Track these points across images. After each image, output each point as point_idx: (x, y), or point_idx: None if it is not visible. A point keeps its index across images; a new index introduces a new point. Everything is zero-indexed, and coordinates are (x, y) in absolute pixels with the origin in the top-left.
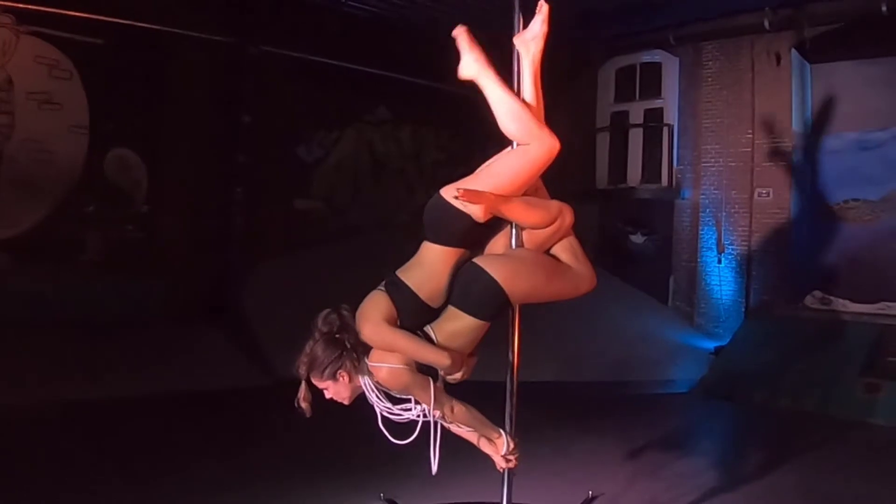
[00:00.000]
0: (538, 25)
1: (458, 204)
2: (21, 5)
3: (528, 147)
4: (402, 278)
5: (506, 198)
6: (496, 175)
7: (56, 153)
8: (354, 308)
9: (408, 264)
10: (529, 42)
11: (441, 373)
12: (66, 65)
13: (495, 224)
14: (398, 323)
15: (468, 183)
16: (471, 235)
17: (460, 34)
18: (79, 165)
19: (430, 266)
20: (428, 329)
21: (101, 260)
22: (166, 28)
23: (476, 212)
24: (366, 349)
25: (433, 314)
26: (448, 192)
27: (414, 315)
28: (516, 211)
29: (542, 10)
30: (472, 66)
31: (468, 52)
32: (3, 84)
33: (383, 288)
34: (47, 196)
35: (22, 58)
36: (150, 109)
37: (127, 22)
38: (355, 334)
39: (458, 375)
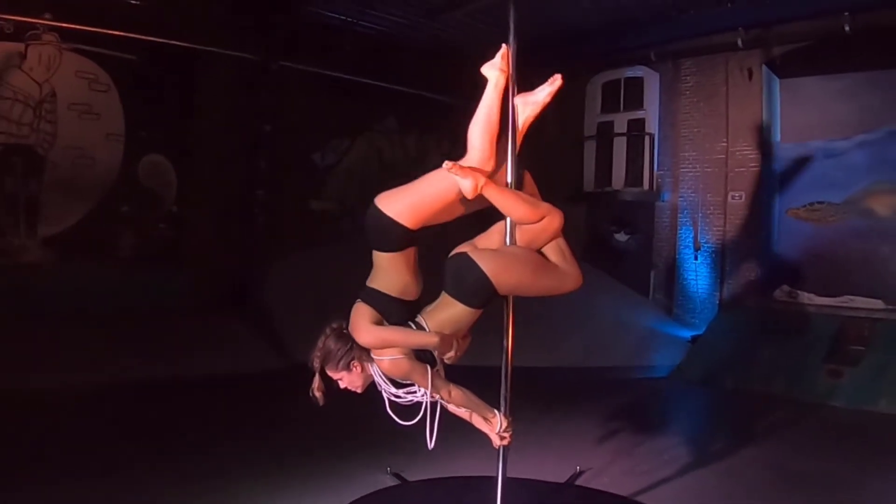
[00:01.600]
0: (543, 95)
1: (392, 213)
2: (64, 24)
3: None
4: (372, 286)
5: (498, 186)
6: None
7: (95, 159)
8: None
9: (372, 272)
10: (529, 104)
11: (438, 357)
12: (104, 79)
13: (422, 233)
14: (384, 323)
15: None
16: (407, 240)
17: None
18: (115, 170)
19: (387, 270)
20: (420, 318)
21: (135, 255)
22: (195, 45)
23: (468, 188)
24: None
25: (413, 305)
26: (383, 202)
27: (396, 311)
28: (505, 200)
29: (555, 83)
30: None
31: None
32: (47, 96)
33: (361, 299)
34: (87, 197)
35: (64, 72)
36: (179, 119)
37: (159, 40)
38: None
39: (451, 354)
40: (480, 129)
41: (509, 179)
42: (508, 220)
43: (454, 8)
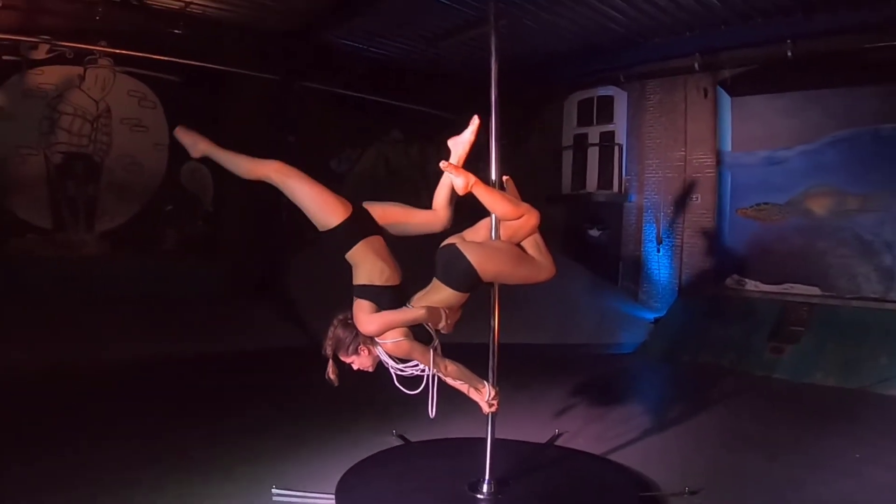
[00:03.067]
0: (468, 135)
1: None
2: (117, 51)
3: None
4: (358, 283)
5: (486, 186)
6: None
7: (143, 165)
8: None
9: (354, 271)
10: (458, 144)
11: (432, 330)
12: (151, 97)
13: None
14: (380, 310)
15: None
16: (353, 233)
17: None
18: (160, 175)
19: (363, 262)
20: (410, 302)
21: (177, 248)
22: (228, 68)
23: (460, 185)
24: None
25: (399, 290)
26: None
27: (387, 298)
28: (490, 198)
29: (474, 123)
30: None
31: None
32: (103, 112)
33: (355, 296)
34: (136, 198)
35: (118, 92)
36: (216, 131)
37: (198, 63)
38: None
39: (442, 324)
40: (445, 192)
41: (493, 178)
42: (493, 216)
43: (449, 36)
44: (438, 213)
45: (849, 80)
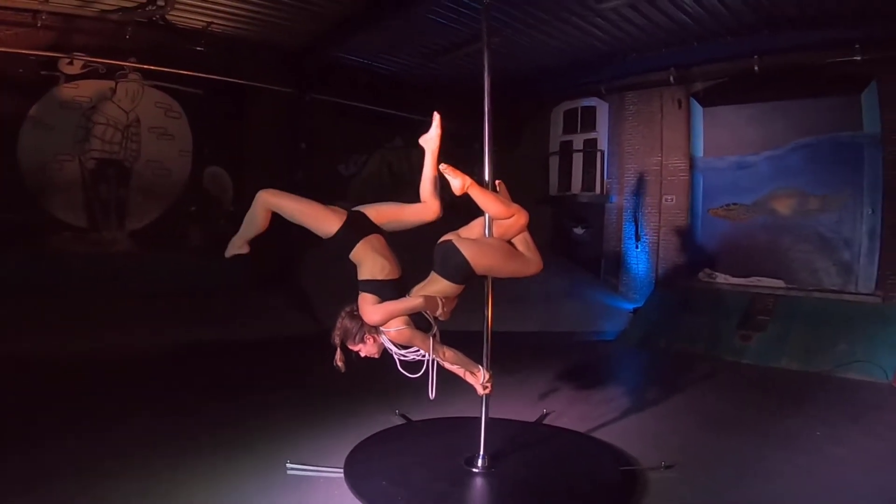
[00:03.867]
0: (434, 130)
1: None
2: (145, 66)
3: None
4: (362, 279)
5: (480, 187)
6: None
7: (170, 170)
8: None
9: (358, 268)
10: (428, 141)
11: (430, 318)
12: (176, 108)
13: (365, 225)
14: (382, 302)
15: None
16: (354, 234)
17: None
18: (185, 178)
19: (365, 260)
20: (414, 293)
21: (200, 245)
22: (247, 82)
23: (457, 186)
24: None
25: (399, 282)
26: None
27: (388, 290)
28: (484, 199)
29: (436, 119)
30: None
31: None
32: (132, 122)
33: (360, 291)
34: (163, 200)
35: (146, 103)
36: (235, 139)
37: (219, 77)
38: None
39: (439, 312)
40: (429, 184)
41: (486, 181)
42: (486, 215)
43: (446, 53)
44: (428, 203)
45: (810, 92)
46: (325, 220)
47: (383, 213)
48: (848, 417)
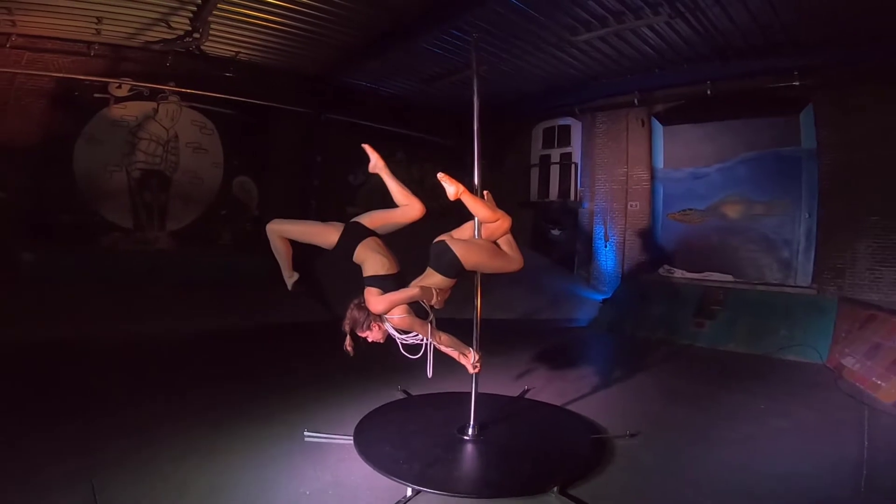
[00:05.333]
0: (372, 159)
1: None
2: (183, 90)
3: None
4: (367, 275)
5: (471, 194)
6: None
7: (203, 179)
8: None
9: (362, 267)
10: (375, 167)
11: (427, 307)
12: (209, 126)
13: (362, 231)
14: (385, 293)
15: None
16: (358, 236)
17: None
18: (217, 186)
19: (367, 260)
20: (412, 285)
21: (230, 244)
22: (270, 103)
23: (451, 192)
24: None
25: (399, 276)
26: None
27: (390, 284)
28: (474, 204)
29: (367, 149)
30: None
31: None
32: (172, 138)
33: (365, 286)
34: (198, 204)
35: (183, 122)
36: (260, 152)
37: (246, 99)
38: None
39: (434, 301)
40: (401, 193)
41: (476, 189)
42: (476, 219)
43: (441, 79)
44: (409, 205)
45: (755, 113)
46: (325, 235)
47: (375, 219)
48: (787, 393)
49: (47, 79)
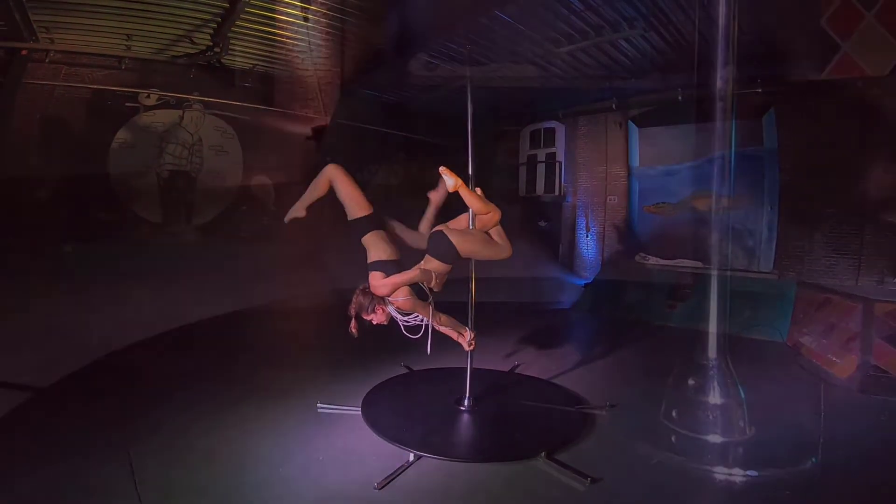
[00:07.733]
0: (451, 182)
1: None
2: (205, 98)
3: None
4: (371, 261)
5: (468, 188)
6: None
7: (225, 178)
8: None
9: (368, 252)
10: (457, 188)
11: (426, 289)
12: (230, 131)
13: (380, 222)
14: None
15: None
16: (369, 227)
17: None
18: (237, 185)
19: (373, 246)
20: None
21: (250, 237)
22: (284, 110)
23: (450, 184)
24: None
25: (401, 262)
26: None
27: (392, 268)
28: (469, 197)
29: (445, 174)
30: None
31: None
32: (196, 142)
33: (370, 270)
34: (221, 201)
35: (207, 127)
36: (275, 154)
37: (262, 106)
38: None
39: (433, 283)
40: (427, 224)
41: (470, 183)
42: (470, 211)
43: (439, 88)
44: (423, 235)
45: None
46: (359, 206)
47: (393, 225)
48: (751, 369)
49: (83, 90)
